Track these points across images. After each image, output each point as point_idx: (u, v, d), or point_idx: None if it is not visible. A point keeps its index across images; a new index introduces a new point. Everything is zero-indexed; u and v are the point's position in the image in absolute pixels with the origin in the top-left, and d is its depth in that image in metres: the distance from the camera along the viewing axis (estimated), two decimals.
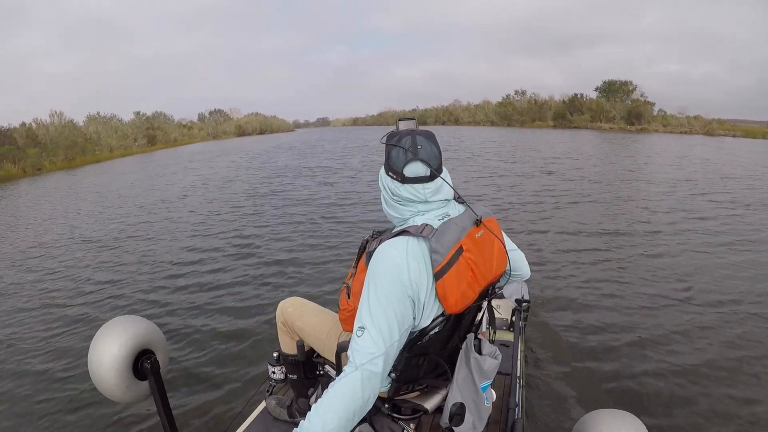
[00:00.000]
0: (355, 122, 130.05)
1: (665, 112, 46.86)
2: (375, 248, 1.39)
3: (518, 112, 56.52)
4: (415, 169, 1.38)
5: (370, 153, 22.62)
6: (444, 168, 1.44)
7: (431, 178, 1.39)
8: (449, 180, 1.44)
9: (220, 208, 9.84)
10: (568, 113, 49.99)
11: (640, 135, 35.25)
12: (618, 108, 47.80)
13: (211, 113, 75.21)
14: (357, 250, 1.58)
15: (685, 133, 38.58)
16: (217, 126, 65.13)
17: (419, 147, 1.38)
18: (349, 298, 1.52)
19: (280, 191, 11.70)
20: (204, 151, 31.99)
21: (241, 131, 66.46)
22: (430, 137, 1.43)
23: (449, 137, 32.21)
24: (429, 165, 1.38)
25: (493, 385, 1.56)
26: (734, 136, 35.27)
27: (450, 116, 72.42)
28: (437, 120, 74.45)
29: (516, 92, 62.12)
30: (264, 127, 74.40)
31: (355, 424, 1.18)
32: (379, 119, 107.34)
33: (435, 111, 79.11)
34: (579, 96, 52.86)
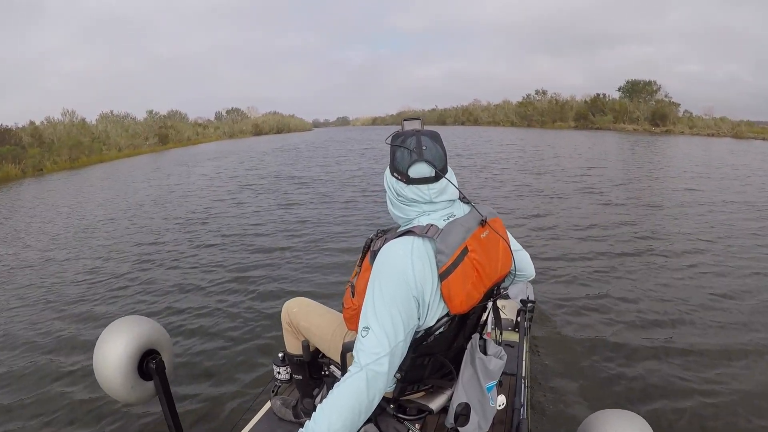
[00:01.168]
0: (374, 121, 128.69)
1: (691, 113, 44.12)
2: (379, 247, 1.39)
3: (539, 113, 53.54)
4: (420, 169, 1.38)
5: (372, 158, 21.07)
6: (449, 168, 1.44)
7: (436, 178, 1.39)
8: (454, 181, 1.44)
9: (226, 211, 9.90)
10: (591, 114, 46.68)
11: (667, 137, 33.02)
12: (642, 109, 45.16)
13: (228, 112, 74.24)
14: (362, 249, 1.58)
15: (712, 135, 35.98)
16: (233, 125, 64.23)
17: (424, 148, 1.38)
18: (353, 296, 1.53)
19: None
20: (210, 151, 31.93)
21: (258, 130, 65.64)
22: (435, 138, 1.42)
23: (465, 138, 30.83)
24: (434, 166, 1.38)
25: (499, 392, 1.55)
26: (764, 139, 32.71)
27: (469, 116, 70.42)
28: (456, 120, 72.74)
29: (536, 92, 59.03)
30: (281, 126, 73.42)
31: (360, 424, 1.17)
32: (398, 119, 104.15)
33: (454, 111, 77.41)
34: (602, 96, 49.86)
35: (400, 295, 1.25)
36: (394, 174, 1.43)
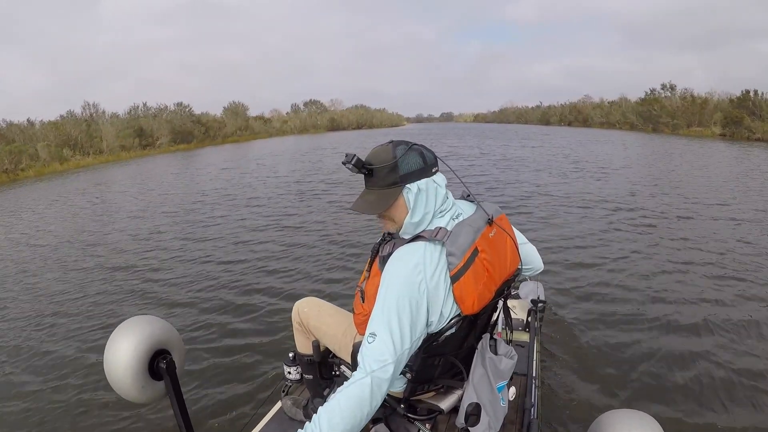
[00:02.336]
0: (476, 118, 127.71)
1: None
2: (388, 252, 1.39)
3: (668, 113, 40.56)
4: (431, 155, 1.41)
5: None
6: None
7: (429, 169, 1.40)
8: (443, 181, 1.45)
9: (237, 212, 9.93)
10: (748, 117, 31.01)
11: None
12: None
13: (306, 104, 68.93)
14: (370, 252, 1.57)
15: None
16: (306, 119, 59.97)
17: (414, 143, 1.42)
18: (363, 301, 1.53)
19: None
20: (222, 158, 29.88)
21: (335, 125, 61.30)
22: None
23: (562, 150, 21.98)
24: (431, 152, 1.42)
25: (508, 385, 1.54)
26: None
27: (578, 115, 60.19)
28: (562, 119, 64.48)
29: (663, 87, 45.86)
30: (362, 121, 68.17)
31: (361, 427, 1.18)
32: (500, 116, 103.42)
33: (560, 108, 68.59)
34: (755, 94, 33.43)
35: (410, 302, 1.25)
36: (413, 178, 1.37)
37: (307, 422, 1.15)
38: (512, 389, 1.64)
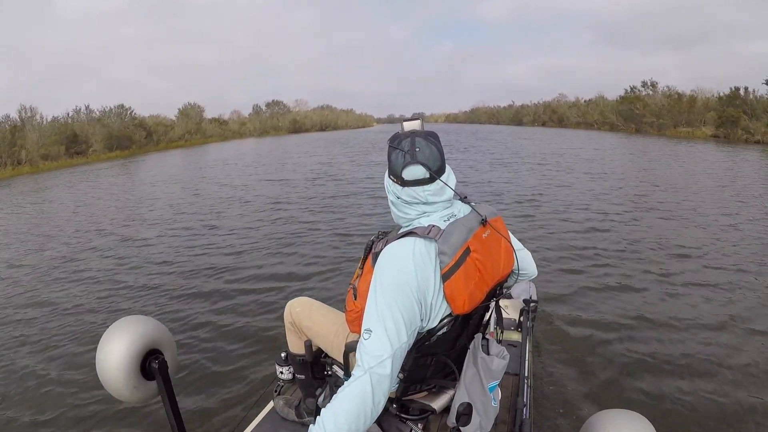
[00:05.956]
0: (447, 119, 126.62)
1: None
2: (381, 249, 1.39)
3: (652, 113, 37.38)
4: (414, 172, 1.38)
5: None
6: (448, 168, 1.44)
7: (431, 180, 1.39)
8: (453, 181, 1.44)
9: (226, 211, 9.93)
10: (745, 117, 28.07)
11: None
12: None
13: (268, 105, 66.95)
14: (363, 251, 1.58)
15: None
16: (266, 121, 58.75)
17: (417, 149, 1.38)
18: (355, 299, 1.52)
19: None
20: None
21: (297, 127, 60.02)
22: (430, 138, 1.42)
23: (540, 163, 17.05)
24: (428, 168, 1.37)
25: (500, 385, 1.55)
26: None
27: (553, 114, 57.36)
28: (536, 119, 61.56)
29: (644, 84, 43.28)
30: (327, 122, 66.42)
31: (366, 428, 1.17)
32: (471, 116, 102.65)
33: (533, 108, 65.81)
34: (745, 91, 30.62)
35: (402, 296, 1.25)
36: (391, 177, 1.44)
37: (312, 425, 1.14)
38: (498, 391, 1.65)
